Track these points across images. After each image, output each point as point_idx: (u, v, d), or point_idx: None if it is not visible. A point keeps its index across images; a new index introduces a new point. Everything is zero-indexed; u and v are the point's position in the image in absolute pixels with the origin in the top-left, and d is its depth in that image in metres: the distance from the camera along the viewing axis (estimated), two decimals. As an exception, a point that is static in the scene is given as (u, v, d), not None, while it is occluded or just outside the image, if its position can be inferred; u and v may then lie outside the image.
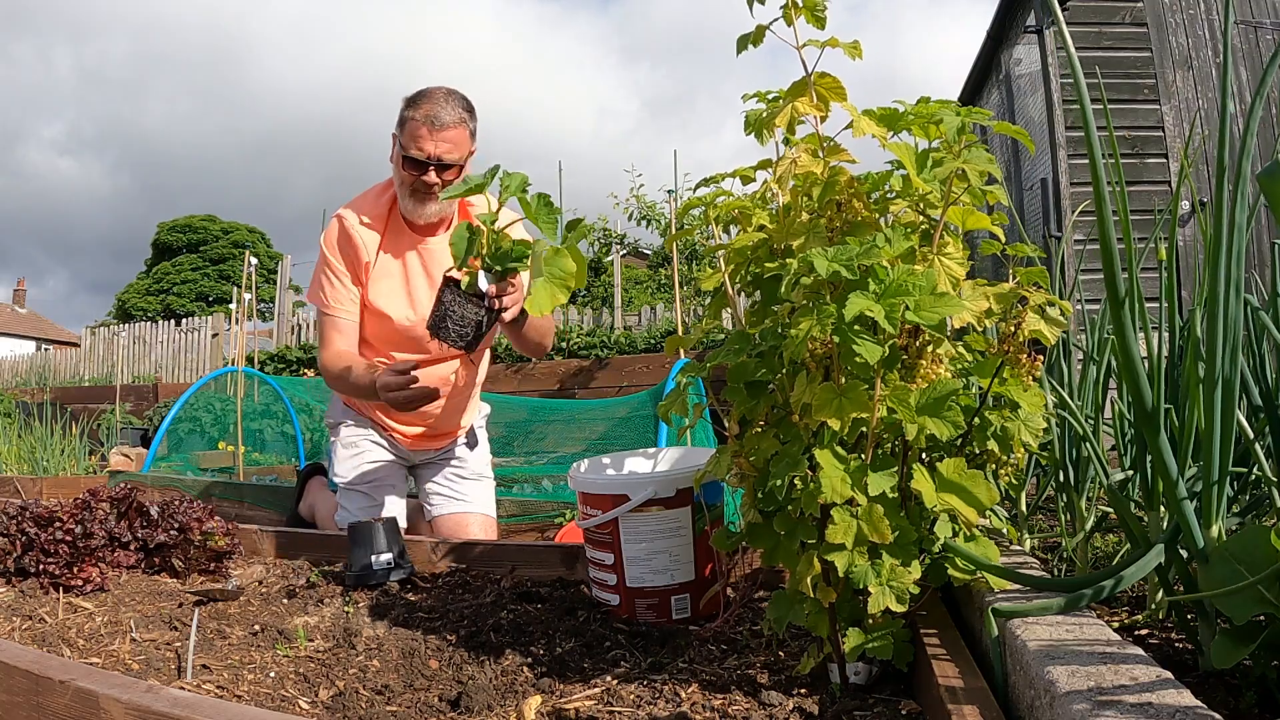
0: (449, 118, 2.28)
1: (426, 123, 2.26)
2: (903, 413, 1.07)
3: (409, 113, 2.31)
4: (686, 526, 1.62)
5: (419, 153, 2.28)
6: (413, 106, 2.31)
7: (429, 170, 2.30)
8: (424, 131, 2.27)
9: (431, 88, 2.33)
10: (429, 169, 2.30)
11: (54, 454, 6.38)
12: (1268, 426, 1.21)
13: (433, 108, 2.27)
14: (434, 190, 2.33)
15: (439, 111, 2.27)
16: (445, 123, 2.27)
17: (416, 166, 2.30)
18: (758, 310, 1.31)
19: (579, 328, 9.25)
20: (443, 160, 2.29)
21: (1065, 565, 1.53)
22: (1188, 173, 1.62)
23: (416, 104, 2.30)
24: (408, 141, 2.30)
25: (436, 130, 2.26)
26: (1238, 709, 0.90)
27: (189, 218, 34.89)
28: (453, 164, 2.31)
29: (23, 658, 1.21)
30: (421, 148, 2.28)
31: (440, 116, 2.27)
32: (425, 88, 2.35)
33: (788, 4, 1.18)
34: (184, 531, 2.08)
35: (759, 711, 1.13)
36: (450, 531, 2.60)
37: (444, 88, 2.34)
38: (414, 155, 2.29)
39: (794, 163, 1.19)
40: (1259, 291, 1.66)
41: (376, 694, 1.28)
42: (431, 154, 2.28)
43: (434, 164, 2.29)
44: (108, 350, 14.08)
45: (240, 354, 6.70)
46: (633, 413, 4.94)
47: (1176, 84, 5.88)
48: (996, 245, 1.30)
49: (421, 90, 2.34)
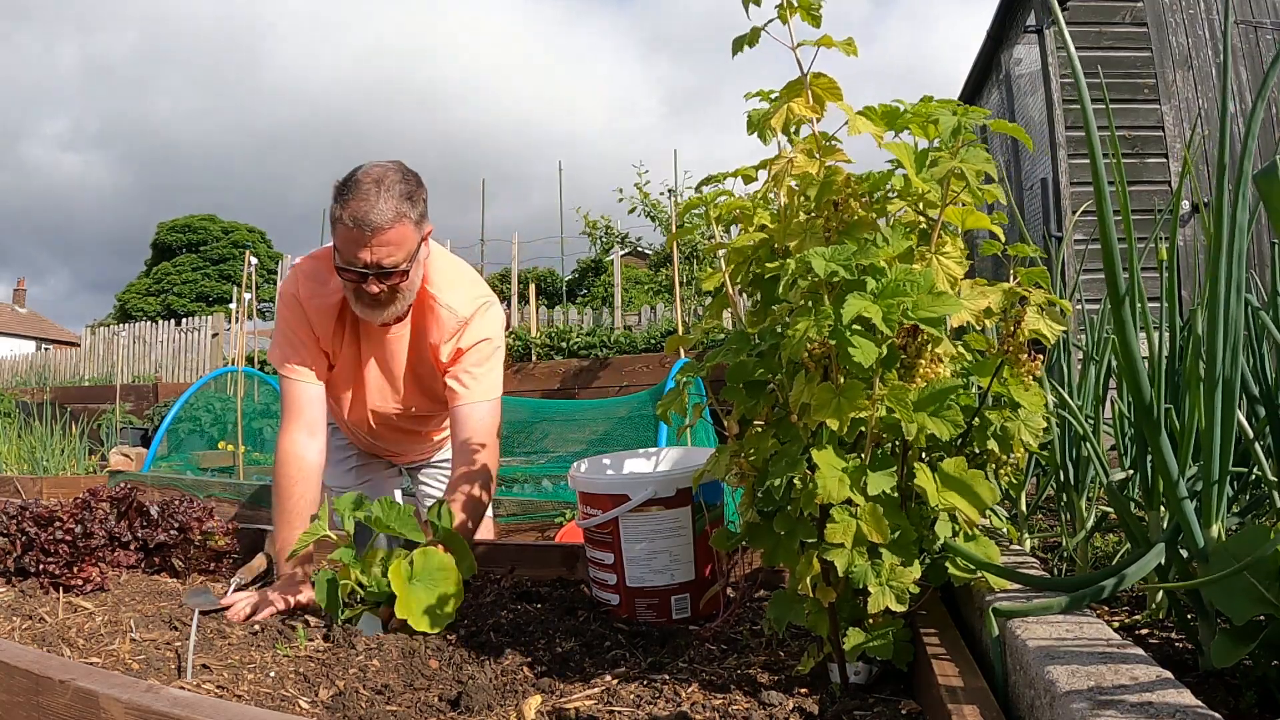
0: (382, 217, 1.82)
1: (356, 227, 1.82)
2: (901, 412, 1.07)
3: (337, 210, 1.86)
4: (686, 526, 1.62)
5: (354, 261, 1.86)
6: (340, 201, 1.86)
7: (369, 280, 1.88)
8: (354, 235, 1.83)
9: (359, 175, 1.87)
10: (368, 278, 1.88)
11: (54, 454, 6.38)
12: (1268, 426, 1.21)
13: (360, 206, 1.82)
14: (379, 297, 1.92)
15: (369, 213, 1.81)
16: (378, 224, 1.82)
17: (353, 276, 1.89)
18: (758, 310, 1.31)
19: (579, 328, 9.25)
20: (382, 266, 1.86)
21: (1065, 565, 1.53)
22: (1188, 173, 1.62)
23: (344, 199, 1.85)
24: (341, 247, 1.87)
25: (369, 234, 1.82)
26: (1238, 709, 0.90)
27: (189, 217, 34.90)
28: (395, 269, 1.88)
29: (23, 657, 1.21)
30: (357, 256, 1.85)
31: (370, 218, 1.81)
32: (353, 174, 1.88)
33: (782, 4, 1.18)
34: (184, 531, 2.08)
35: (759, 711, 1.13)
36: (449, 532, 2.58)
37: (374, 172, 1.87)
38: (349, 265, 1.87)
39: (790, 163, 1.19)
40: (1259, 291, 1.66)
41: (376, 694, 1.28)
42: (368, 261, 1.85)
43: (373, 272, 1.87)
44: (108, 350, 14.09)
45: (240, 354, 6.70)
46: (633, 413, 4.94)
47: (1177, 84, 5.88)
48: (996, 245, 1.30)
49: (349, 179, 1.88)
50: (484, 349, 2.04)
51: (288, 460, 1.97)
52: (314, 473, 1.99)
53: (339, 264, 1.90)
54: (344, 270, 1.90)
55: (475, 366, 2.02)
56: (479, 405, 1.99)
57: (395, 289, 1.92)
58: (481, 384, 2.01)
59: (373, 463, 2.57)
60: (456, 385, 2.02)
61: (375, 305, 1.95)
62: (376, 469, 2.58)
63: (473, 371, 2.02)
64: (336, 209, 1.86)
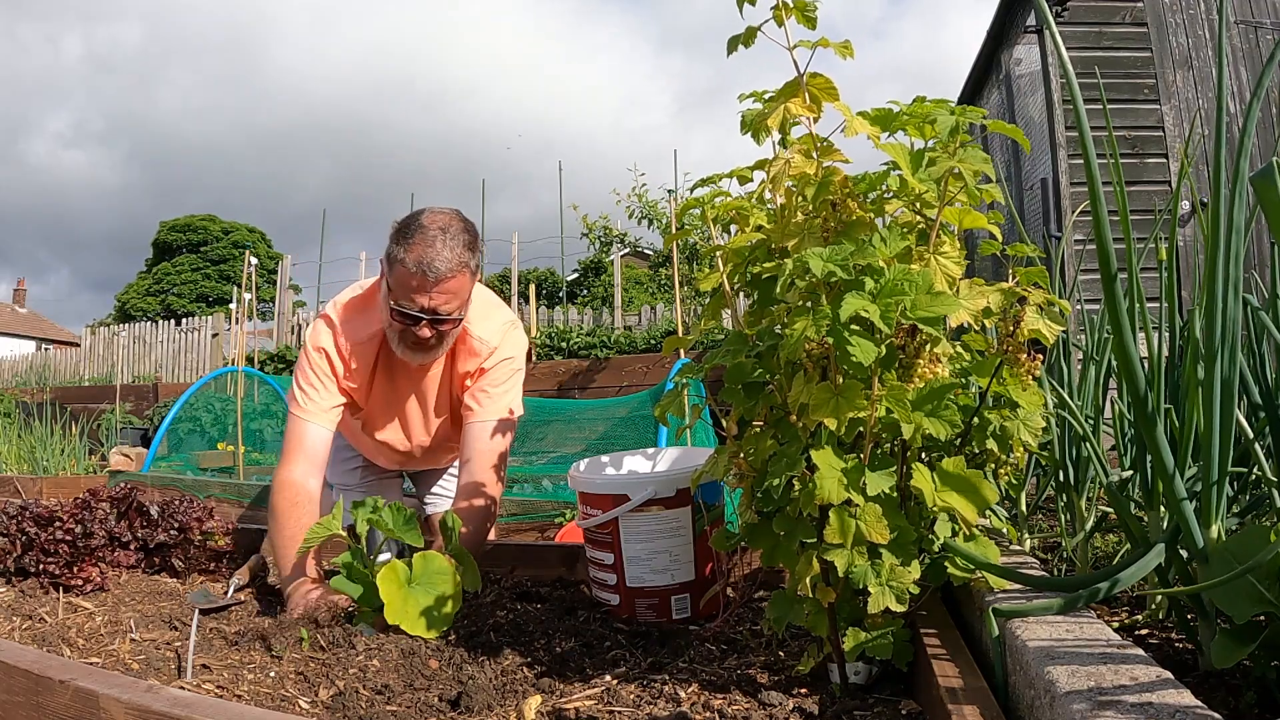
0: (446, 265, 1.82)
1: (419, 272, 1.81)
2: (899, 412, 1.07)
3: (399, 252, 1.84)
4: (686, 526, 1.62)
5: (410, 305, 1.85)
6: (403, 244, 1.84)
7: (421, 324, 1.87)
8: (416, 282, 1.82)
9: (424, 220, 1.86)
10: (421, 323, 1.87)
11: (54, 454, 6.38)
12: (1268, 426, 1.21)
13: (426, 253, 1.81)
14: (427, 341, 1.92)
15: (434, 260, 1.81)
16: (442, 273, 1.81)
17: (407, 319, 1.88)
18: (755, 310, 1.31)
19: (579, 328, 9.25)
20: (438, 313, 1.86)
21: (1065, 565, 1.53)
22: (1187, 173, 1.62)
23: (407, 242, 1.83)
24: (398, 289, 1.86)
25: (431, 281, 1.82)
26: (1238, 709, 0.90)
27: (189, 217, 34.93)
28: (449, 317, 1.89)
29: (23, 658, 1.21)
30: (414, 300, 1.84)
31: (435, 265, 1.81)
32: (416, 217, 1.87)
33: (778, 5, 1.18)
34: (184, 531, 2.08)
35: (759, 711, 1.13)
36: (449, 532, 2.58)
37: (439, 219, 1.86)
38: (404, 308, 1.86)
39: (787, 163, 1.19)
40: (1259, 292, 1.66)
41: (376, 694, 1.28)
42: (425, 306, 1.85)
43: (428, 317, 1.86)
44: (108, 350, 14.09)
45: (240, 354, 6.70)
46: (633, 413, 4.94)
47: (1176, 84, 5.88)
48: (996, 245, 1.30)
49: (412, 222, 1.87)
50: (504, 369, 2.06)
51: (285, 486, 1.91)
52: (312, 503, 1.92)
53: (393, 305, 1.88)
54: (399, 313, 1.87)
55: (493, 386, 2.04)
56: (489, 423, 2.00)
57: (443, 335, 1.93)
58: (497, 403, 2.03)
59: (376, 464, 2.58)
60: (472, 402, 2.04)
61: (419, 348, 1.94)
62: (379, 469, 2.58)
63: (490, 391, 2.04)
64: (398, 251, 1.83)
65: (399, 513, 1.65)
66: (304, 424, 2.00)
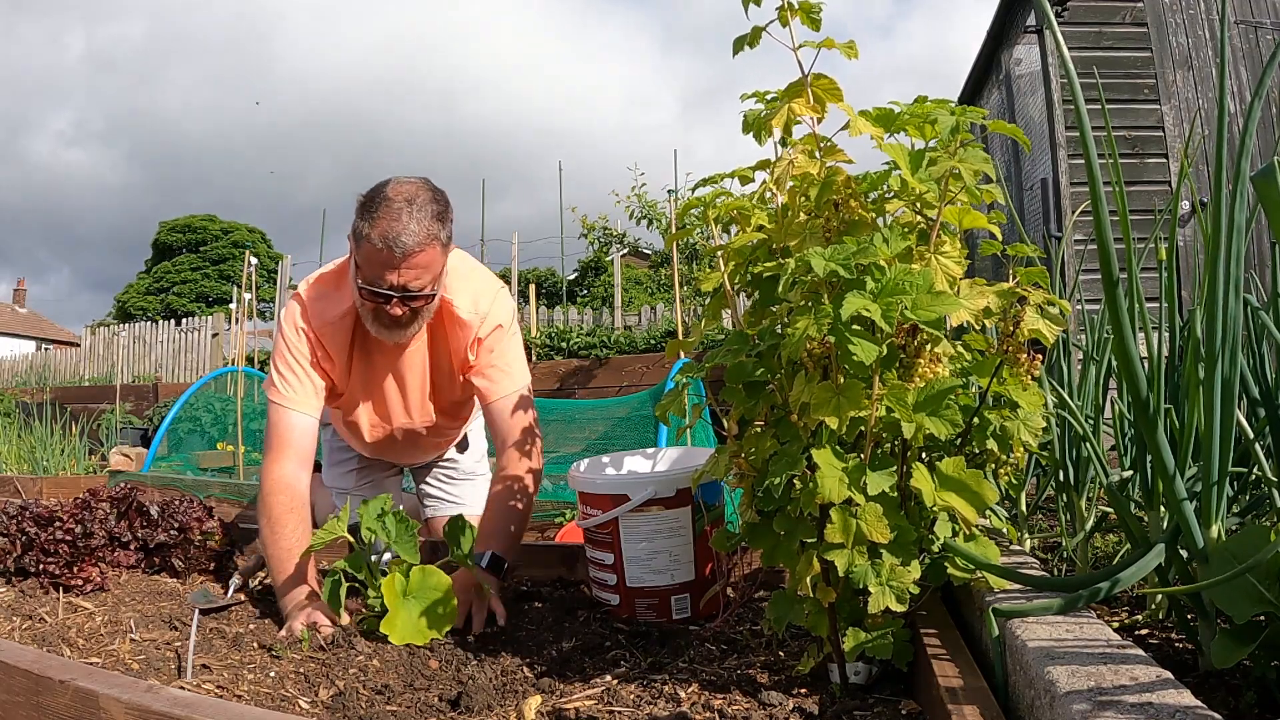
0: (414, 239, 1.73)
1: (386, 248, 1.73)
2: (900, 411, 1.07)
3: (364, 227, 1.75)
4: (686, 526, 1.62)
5: (379, 282, 1.77)
6: (368, 218, 1.76)
7: (393, 302, 1.80)
8: (383, 259, 1.74)
9: (389, 191, 1.77)
10: (392, 300, 1.79)
11: (54, 454, 6.38)
12: (1268, 426, 1.21)
13: (392, 226, 1.72)
14: (400, 318, 1.83)
15: (400, 234, 1.72)
16: (409, 246, 1.73)
17: (378, 297, 1.80)
18: (756, 310, 1.31)
19: (579, 328, 9.25)
20: (409, 289, 1.78)
21: (1065, 565, 1.53)
22: (1188, 173, 1.62)
23: (372, 216, 1.75)
24: (365, 266, 1.78)
25: (399, 256, 1.74)
26: (1238, 709, 0.90)
27: (189, 217, 34.93)
28: (421, 293, 1.81)
29: (23, 657, 1.21)
30: (383, 277, 1.76)
31: (401, 239, 1.72)
32: (381, 189, 1.79)
33: (783, 6, 1.18)
34: (184, 531, 2.08)
35: (759, 711, 1.13)
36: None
37: (404, 189, 1.78)
38: (373, 286, 1.78)
39: (791, 163, 1.20)
40: (1259, 292, 1.66)
41: (376, 694, 1.28)
42: (395, 284, 1.77)
43: (399, 294, 1.79)
44: (108, 350, 14.09)
45: (240, 354, 6.70)
46: (633, 413, 4.94)
47: (1177, 84, 5.88)
48: (996, 245, 1.30)
49: (377, 195, 1.78)
50: (498, 336, 1.99)
51: (279, 488, 1.82)
52: (306, 506, 1.85)
53: (361, 283, 1.80)
54: (367, 291, 1.80)
55: (497, 358, 1.98)
56: (509, 398, 1.95)
57: (417, 311, 1.85)
58: (508, 374, 1.97)
59: (373, 464, 2.57)
60: (482, 381, 1.97)
61: (394, 326, 1.86)
62: (377, 470, 2.57)
63: (496, 364, 1.98)
64: (363, 225, 1.76)
65: (402, 524, 1.65)
66: (288, 413, 1.90)
